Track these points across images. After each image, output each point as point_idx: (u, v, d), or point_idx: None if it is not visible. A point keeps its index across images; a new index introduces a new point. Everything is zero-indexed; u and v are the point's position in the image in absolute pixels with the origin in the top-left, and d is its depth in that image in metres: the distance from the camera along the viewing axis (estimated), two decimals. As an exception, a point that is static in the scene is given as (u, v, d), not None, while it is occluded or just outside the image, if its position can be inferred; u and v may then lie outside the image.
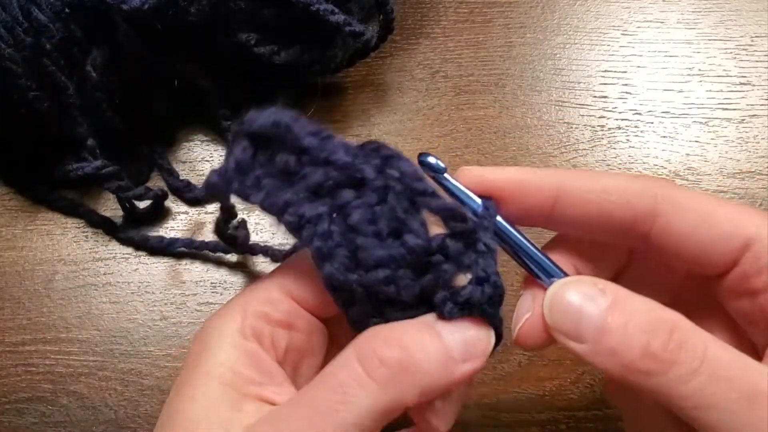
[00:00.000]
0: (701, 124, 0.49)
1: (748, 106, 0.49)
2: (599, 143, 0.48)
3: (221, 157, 0.48)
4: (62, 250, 0.46)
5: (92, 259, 0.45)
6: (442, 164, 0.29)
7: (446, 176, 0.29)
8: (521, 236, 0.29)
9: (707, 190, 0.47)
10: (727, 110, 0.49)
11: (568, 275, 0.29)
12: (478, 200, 0.29)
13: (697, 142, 0.48)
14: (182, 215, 0.47)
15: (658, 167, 0.47)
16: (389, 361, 0.26)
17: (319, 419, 0.25)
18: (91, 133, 0.43)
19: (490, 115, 0.49)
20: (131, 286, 0.45)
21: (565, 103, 0.49)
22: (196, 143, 0.49)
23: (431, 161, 0.29)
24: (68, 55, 0.41)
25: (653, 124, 0.49)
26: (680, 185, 0.30)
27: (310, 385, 0.27)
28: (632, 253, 0.32)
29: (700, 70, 0.50)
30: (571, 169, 0.47)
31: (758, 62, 0.50)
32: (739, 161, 0.47)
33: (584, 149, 0.48)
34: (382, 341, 0.27)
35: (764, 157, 0.47)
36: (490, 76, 0.50)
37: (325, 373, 0.27)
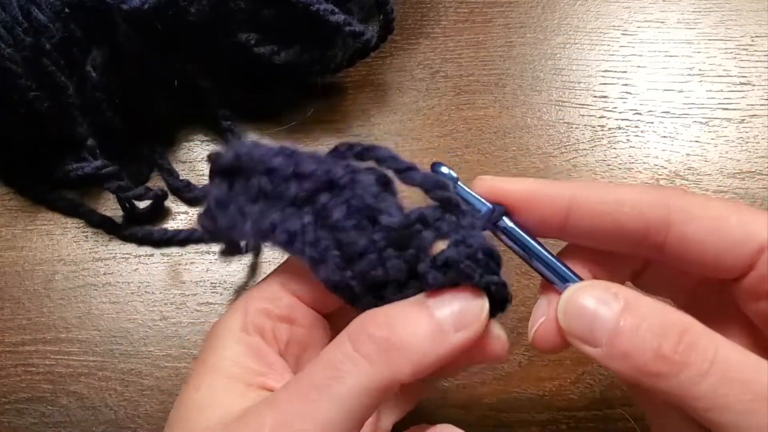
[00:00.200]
0: (701, 124, 0.49)
1: (748, 106, 0.49)
2: (599, 143, 0.48)
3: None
4: (62, 250, 0.46)
5: (92, 259, 0.45)
6: (454, 174, 0.30)
7: (459, 184, 0.30)
8: (536, 243, 0.30)
9: (707, 190, 0.47)
10: (727, 110, 0.49)
11: (582, 280, 0.29)
12: (488, 205, 0.30)
13: (697, 142, 0.48)
14: (182, 215, 0.47)
15: (658, 167, 0.47)
16: (377, 338, 0.27)
17: (313, 393, 0.26)
18: (91, 133, 0.43)
19: (490, 115, 0.49)
20: (131, 286, 0.45)
21: (565, 103, 0.49)
22: (196, 143, 0.49)
23: (444, 171, 0.30)
24: (68, 55, 0.41)
25: (653, 124, 0.49)
26: (692, 192, 0.30)
27: (306, 366, 0.28)
28: (648, 258, 0.32)
29: (700, 70, 0.50)
30: (584, 180, 0.47)
31: (758, 62, 0.50)
32: (739, 161, 0.47)
33: (584, 149, 0.48)
34: (372, 321, 0.28)
35: (764, 157, 0.47)
36: (490, 76, 0.50)
37: (320, 354, 0.28)
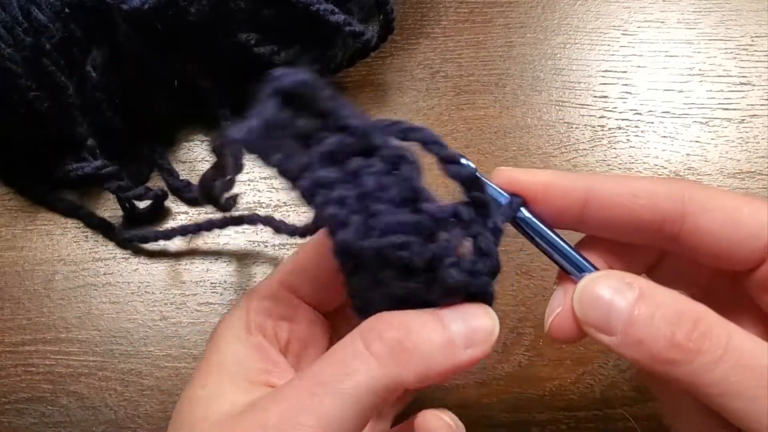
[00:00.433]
0: (701, 124, 0.49)
1: (748, 106, 0.49)
2: (599, 143, 0.48)
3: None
4: (62, 250, 0.46)
5: (92, 259, 0.45)
6: (472, 164, 0.30)
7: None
8: (553, 233, 0.30)
9: (707, 190, 0.47)
10: (727, 110, 0.49)
11: (598, 270, 0.30)
12: (506, 196, 0.30)
13: (697, 142, 0.48)
14: (182, 215, 0.47)
15: (658, 167, 0.47)
16: (390, 339, 0.27)
17: (318, 389, 0.26)
18: (91, 133, 0.43)
19: (490, 115, 0.49)
20: (131, 286, 0.45)
21: (565, 103, 0.49)
22: (196, 143, 0.49)
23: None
24: (68, 55, 0.41)
25: (653, 124, 0.49)
26: (706, 185, 0.31)
27: (314, 362, 0.28)
28: (663, 250, 0.32)
29: (700, 70, 0.50)
30: (601, 173, 0.47)
31: (758, 62, 0.50)
32: (739, 161, 0.47)
33: (584, 149, 0.48)
34: (386, 323, 0.28)
35: (764, 157, 0.47)
36: (490, 76, 0.50)
37: (329, 351, 0.28)
